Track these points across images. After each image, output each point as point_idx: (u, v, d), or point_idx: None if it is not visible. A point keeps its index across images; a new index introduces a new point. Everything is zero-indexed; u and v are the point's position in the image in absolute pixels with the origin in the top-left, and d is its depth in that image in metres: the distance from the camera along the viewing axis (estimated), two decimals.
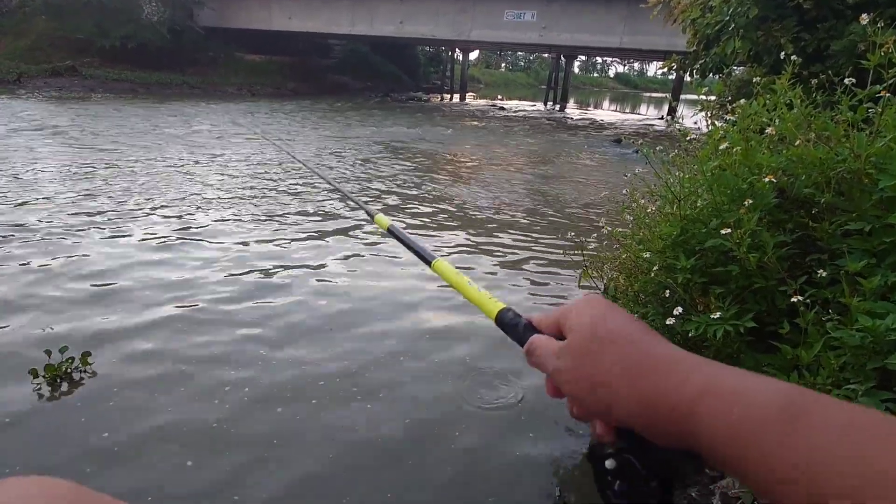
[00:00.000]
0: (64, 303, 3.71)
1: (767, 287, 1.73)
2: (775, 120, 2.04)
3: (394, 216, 6.51)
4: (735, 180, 1.81)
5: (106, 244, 4.92)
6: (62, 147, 9.46)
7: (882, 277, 1.38)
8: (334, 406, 2.78)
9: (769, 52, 5.04)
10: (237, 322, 3.60)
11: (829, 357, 1.38)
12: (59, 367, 2.79)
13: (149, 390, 2.80)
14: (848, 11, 4.70)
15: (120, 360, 3.06)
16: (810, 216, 1.77)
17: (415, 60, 41.55)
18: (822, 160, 1.68)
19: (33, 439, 2.42)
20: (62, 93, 19.38)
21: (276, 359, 3.19)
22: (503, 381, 3.08)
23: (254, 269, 4.54)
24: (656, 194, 2.26)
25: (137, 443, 2.41)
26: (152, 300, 3.83)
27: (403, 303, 4.09)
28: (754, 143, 1.99)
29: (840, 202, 1.66)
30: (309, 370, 3.08)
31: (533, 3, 23.33)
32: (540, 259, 5.30)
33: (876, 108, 1.67)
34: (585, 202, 7.95)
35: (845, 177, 1.63)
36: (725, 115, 2.55)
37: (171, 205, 6.27)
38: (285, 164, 8.99)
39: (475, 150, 12.90)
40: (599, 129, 21.25)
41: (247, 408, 2.72)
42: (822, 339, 1.44)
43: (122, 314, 3.60)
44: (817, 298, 1.57)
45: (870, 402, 1.18)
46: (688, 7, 6.04)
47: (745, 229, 1.66)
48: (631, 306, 2.35)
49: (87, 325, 3.41)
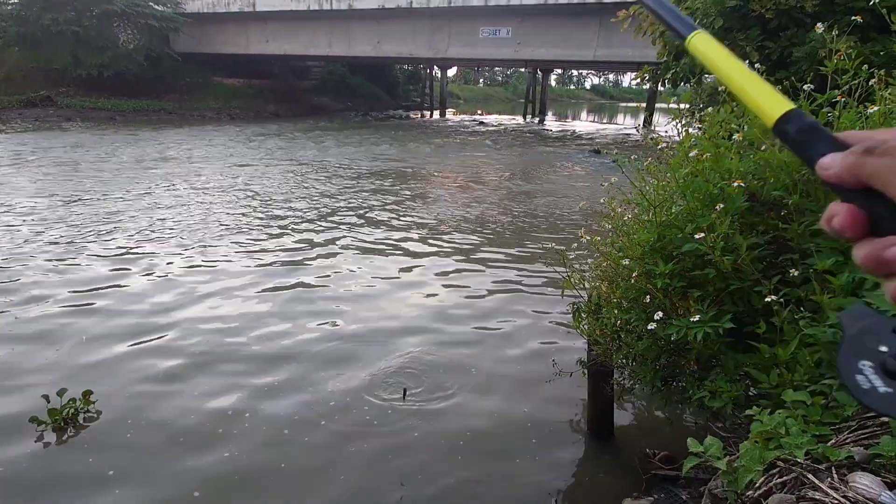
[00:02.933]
0: (50, 343, 3.61)
1: (743, 288, 1.77)
2: (744, 126, 2.11)
3: (378, 235, 6.52)
4: (706, 186, 1.86)
5: (85, 275, 4.83)
6: (31, 180, 9.31)
7: (850, 274, 1.43)
8: (338, 440, 2.75)
9: None
10: (236, 354, 3.55)
11: (805, 354, 1.41)
12: (63, 410, 2.67)
13: (157, 426, 2.73)
14: (808, 20, 4.90)
15: (125, 396, 2.97)
16: (780, 218, 1.82)
17: (394, 79, 41.98)
18: (786, 164, 1.74)
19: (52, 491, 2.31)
20: (37, 123, 19.14)
21: (279, 389, 3.14)
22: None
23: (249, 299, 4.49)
24: (633, 202, 2.31)
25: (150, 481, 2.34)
26: (143, 331, 3.76)
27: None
28: (723, 149, 2.05)
29: (807, 203, 1.72)
30: (307, 406, 3.04)
31: (507, 19, 23.79)
32: (525, 270, 5.34)
33: (834, 112, 1.74)
34: (567, 212, 8.04)
35: (809, 178, 1.68)
36: (695, 123, 2.63)
37: (159, 234, 6.20)
38: (273, 192, 8.96)
39: (458, 166, 13.00)
40: (578, 140, 21.59)
41: (255, 446, 2.66)
42: (797, 336, 1.48)
43: (117, 348, 3.51)
44: (791, 297, 1.61)
45: (844, 396, 1.21)
46: (655, 20, 6.23)
47: (719, 233, 1.71)
48: (614, 313, 2.38)
49: (81, 364, 3.31)
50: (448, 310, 4.36)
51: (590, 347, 2.61)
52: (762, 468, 1.02)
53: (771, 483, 0.97)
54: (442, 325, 4.07)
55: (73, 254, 5.30)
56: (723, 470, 1.12)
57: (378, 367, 3.41)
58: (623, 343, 2.29)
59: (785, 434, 1.07)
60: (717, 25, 5.16)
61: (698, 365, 1.97)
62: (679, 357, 2.06)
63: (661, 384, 2.18)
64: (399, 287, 4.84)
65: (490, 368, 3.49)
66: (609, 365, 2.54)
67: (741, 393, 1.64)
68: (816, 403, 1.21)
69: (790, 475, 0.96)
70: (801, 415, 1.17)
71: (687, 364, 2.03)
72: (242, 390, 3.08)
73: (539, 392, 3.18)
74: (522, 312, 4.37)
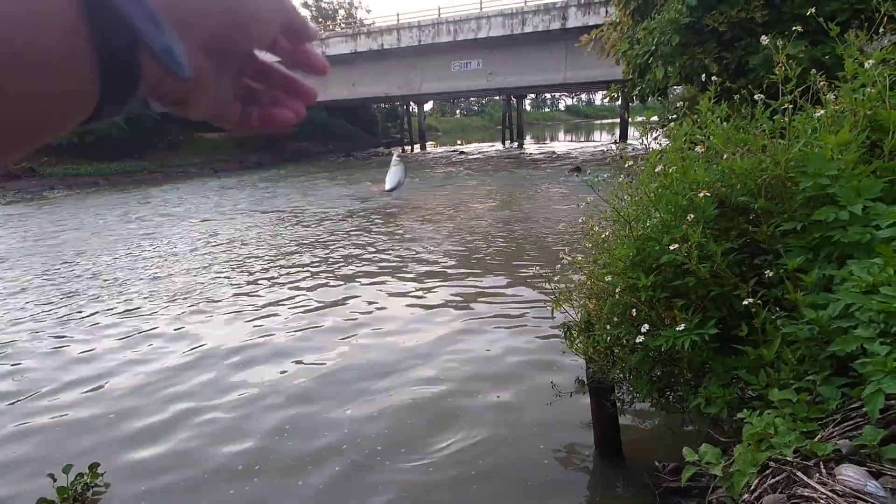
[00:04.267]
0: (50, 415, 3.55)
1: (724, 293, 1.81)
2: (709, 137, 2.20)
3: (368, 270, 6.53)
4: (675, 198, 1.93)
5: (72, 350, 4.78)
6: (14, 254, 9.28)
7: (819, 270, 1.48)
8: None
9: (697, 73, 5.42)
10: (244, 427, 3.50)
11: (788, 352, 1.45)
12: (71, 487, 2.60)
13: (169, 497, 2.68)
14: (759, 29, 5.14)
15: (131, 467, 2.91)
16: (750, 222, 1.89)
17: (372, 118, 42.83)
18: (748, 170, 1.81)
19: None
20: (19, 195, 19.14)
21: (296, 460, 3.03)
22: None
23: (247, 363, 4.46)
24: (609, 219, 2.38)
25: None
26: (144, 402, 3.70)
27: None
28: (689, 160, 2.13)
29: (772, 206, 1.79)
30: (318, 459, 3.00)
31: (477, 52, 24.55)
32: (514, 295, 5.37)
33: (783, 119, 1.83)
34: (552, 233, 8.14)
35: (771, 183, 1.76)
36: (662, 137, 2.72)
37: (151, 299, 6.17)
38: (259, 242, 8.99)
39: (442, 196, 13.16)
40: (558, 160, 22.00)
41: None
42: (779, 336, 1.52)
43: (120, 420, 3.45)
44: (770, 298, 1.66)
45: (828, 390, 1.24)
46: (617, 41, 6.49)
47: (693, 242, 1.76)
48: (606, 328, 2.41)
49: (85, 438, 3.24)
50: (443, 339, 4.36)
51: (587, 366, 2.62)
52: (756, 470, 1.04)
53: (765, 484, 0.99)
54: (437, 356, 4.06)
55: (71, 328, 5.25)
56: (720, 476, 1.13)
57: (399, 389, 3.38)
58: (617, 358, 2.31)
59: (774, 434, 1.10)
60: (674, 42, 5.39)
61: (691, 373, 1.99)
62: (672, 367, 2.09)
63: (658, 395, 2.20)
64: (392, 319, 4.83)
65: (489, 398, 3.47)
66: (608, 381, 2.55)
67: (734, 397, 1.66)
68: (802, 400, 1.24)
69: (782, 475, 0.98)
70: (788, 413, 1.20)
71: (681, 373, 2.06)
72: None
73: (542, 416, 3.17)
74: (517, 337, 4.38)
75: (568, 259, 2.28)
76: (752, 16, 4.96)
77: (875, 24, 2.18)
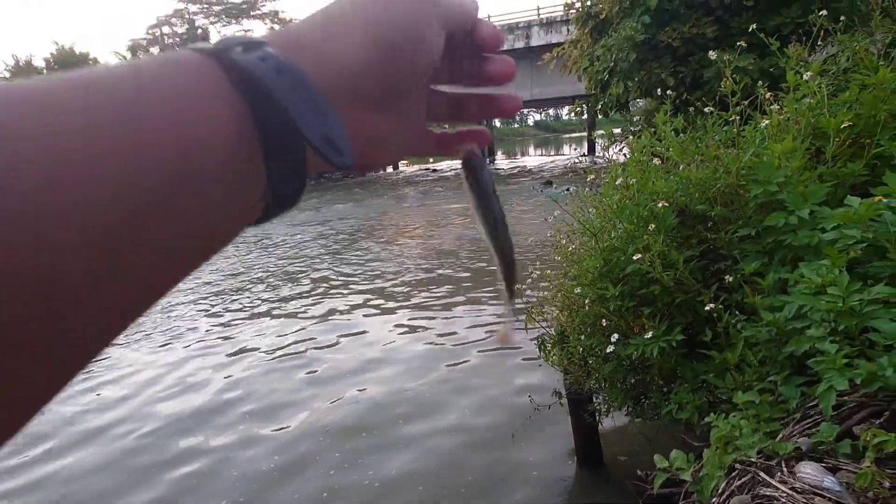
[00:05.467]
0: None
1: (688, 300, 1.86)
2: (668, 148, 2.28)
3: (340, 291, 6.48)
4: (637, 209, 1.98)
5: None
6: None
7: (774, 273, 1.54)
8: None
9: (655, 87, 5.63)
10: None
11: (750, 355, 1.49)
12: None
13: None
14: (710, 44, 5.39)
15: None
16: (709, 229, 1.96)
17: None
18: (704, 180, 1.88)
19: None
20: None
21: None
22: None
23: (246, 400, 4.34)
24: (577, 231, 2.42)
25: None
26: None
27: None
28: (649, 172, 2.20)
29: (728, 213, 1.85)
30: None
31: None
32: (487, 310, 5.39)
33: (732, 130, 1.92)
34: (524, 247, 8.23)
35: (725, 191, 1.83)
36: (624, 149, 2.81)
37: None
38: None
39: (413, 215, 13.19)
40: (529, 174, 22.35)
41: None
42: (741, 339, 1.57)
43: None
44: (731, 302, 1.71)
45: (788, 390, 1.28)
46: (577, 59, 6.70)
47: (655, 251, 1.81)
48: (580, 339, 2.44)
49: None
50: (420, 357, 4.34)
51: (564, 377, 2.64)
52: (723, 473, 1.06)
53: (732, 486, 1.01)
54: (414, 371, 4.03)
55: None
56: (689, 481, 1.15)
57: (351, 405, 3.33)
58: (591, 368, 2.34)
59: (739, 436, 1.13)
60: (632, 58, 5.59)
61: (663, 379, 2.03)
62: (644, 374, 2.12)
63: (633, 403, 2.22)
64: (365, 337, 4.79)
65: (466, 414, 3.46)
66: (584, 392, 2.57)
67: (704, 401, 1.70)
68: (764, 401, 1.27)
69: (747, 476, 1.01)
70: (752, 414, 1.23)
71: (652, 380, 2.09)
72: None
73: (522, 430, 3.17)
74: (491, 354, 4.39)
75: (537, 273, 2.31)
76: (703, 31, 5.20)
77: (812, 36, 2.32)
